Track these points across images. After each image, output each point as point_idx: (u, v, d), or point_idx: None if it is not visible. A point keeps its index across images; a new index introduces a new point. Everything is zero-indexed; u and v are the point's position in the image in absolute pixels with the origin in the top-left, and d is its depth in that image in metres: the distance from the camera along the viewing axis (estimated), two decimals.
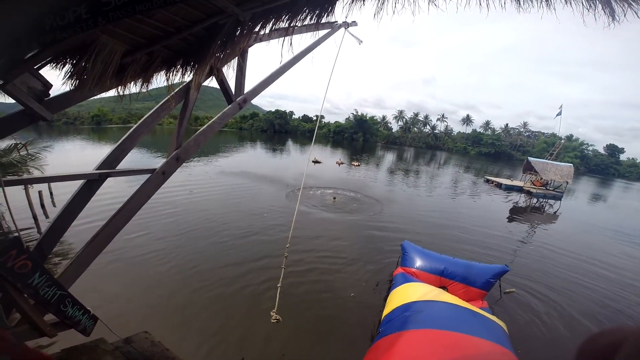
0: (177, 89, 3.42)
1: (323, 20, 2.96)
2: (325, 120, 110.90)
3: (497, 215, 18.50)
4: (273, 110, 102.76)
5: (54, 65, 2.35)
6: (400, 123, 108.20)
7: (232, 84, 3.99)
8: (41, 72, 2.39)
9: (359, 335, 6.07)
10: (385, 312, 6.01)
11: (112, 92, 2.80)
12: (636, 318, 8.01)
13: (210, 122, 3.94)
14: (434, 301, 5.71)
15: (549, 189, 30.66)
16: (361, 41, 6.73)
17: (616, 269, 11.44)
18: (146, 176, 3.32)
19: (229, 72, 3.71)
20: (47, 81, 2.43)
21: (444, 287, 6.93)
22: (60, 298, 2.61)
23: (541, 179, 30.78)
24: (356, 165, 33.74)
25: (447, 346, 4.42)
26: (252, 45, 3.71)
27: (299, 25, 2.91)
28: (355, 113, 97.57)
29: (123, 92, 2.72)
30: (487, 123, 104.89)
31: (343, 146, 69.12)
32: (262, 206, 13.93)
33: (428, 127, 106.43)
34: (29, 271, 2.27)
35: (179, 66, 2.79)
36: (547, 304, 8.09)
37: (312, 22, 2.91)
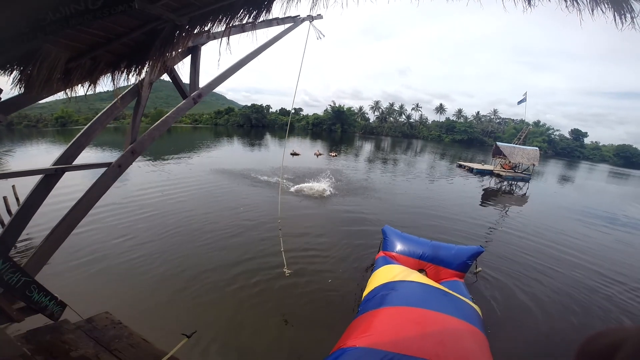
0: (128, 88, 3.66)
1: (261, 19, 3.13)
2: (304, 112, 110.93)
3: (469, 199, 19.38)
4: (249, 104, 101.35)
5: (1, 71, 2.56)
6: (376, 113, 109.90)
7: (187, 81, 4.24)
8: None
9: (339, 318, 6.29)
10: (365, 293, 6.34)
11: (81, 92, 3.04)
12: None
13: (164, 117, 4.16)
14: (408, 281, 6.02)
15: (517, 172, 32.44)
16: (323, 36, 6.80)
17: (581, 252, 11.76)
18: (103, 170, 3.56)
19: (184, 69, 4.00)
20: None
21: (422, 270, 7.26)
22: (25, 284, 2.83)
23: (509, 162, 32.47)
24: (334, 156, 34.37)
25: (415, 321, 4.69)
26: (204, 43, 3.97)
27: (240, 24, 3.14)
28: (332, 105, 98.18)
29: (72, 93, 2.95)
30: (460, 111, 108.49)
31: (322, 138, 69.56)
32: (243, 203, 13.97)
33: (404, 116, 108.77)
34: None
35: (123, 68, 3.03)
36: (518, 286, 8.39)
37: (251, 21, 3.11)
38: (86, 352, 2.75)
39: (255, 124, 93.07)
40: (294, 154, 32.64)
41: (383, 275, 6.62)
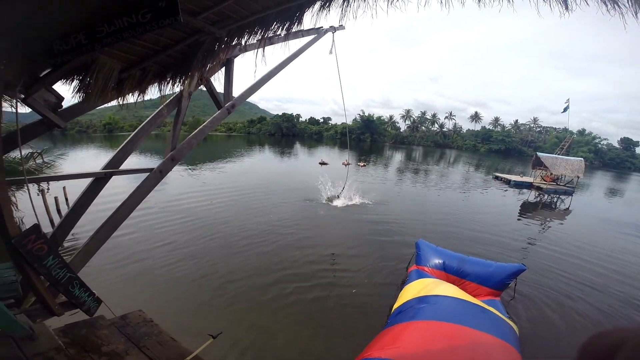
0: (170, 98, 3.90)
1: (294, 30, 3.23)
2: (332, 121, 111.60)
3: (506, 213, 18.31)
4: (280, 114, 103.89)
5: (64, 81, 2.82)
6: (407, 122, 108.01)
7: (222, 91, 4.43)
8: (55, 87, 2.87)
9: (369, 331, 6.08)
10: (395, 306, 6.15)
11: (131, 101, 3.27)
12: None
13: (201, 126, 4.40)
14: (441, 296, 5.79)
15: (560, 184, 30.29)
16: (331, 52, 6.89)
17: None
18: (145, 175, 3.78)
19: (218, 81, 4.17)
20: (60, 95, 2.93)
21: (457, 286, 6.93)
22: (69, 280, 2.98)
23: (551, 174, 30.41)
24: (362, 166, 33.98)
25: (445, 336, 4.51)
26: (237, 55, 4.13)
27: (270, 35, 3.24)
28: (362, 114, 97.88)
29: (123, 102, 3.18)
30: (497, 120, 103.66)
31: (351, 147, 69.49)
32: (277, 212, 14.03)
33: (436, 125, 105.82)
34: (45, 254, 2.69)
35: (168, 79, 3.24)
36: (559, 306, 7.84)
37: (284, 32, 3.21)
38: (117, 348, 2.85)
39: (286, 132, 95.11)
40: (322, 163, 32.74)
41: (415, 288, 6.38)
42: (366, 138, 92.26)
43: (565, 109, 41.42)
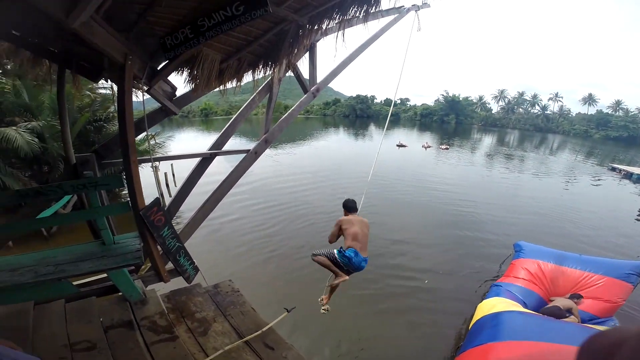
0: (262, 85, 4.20)
1: (372, 11, 3.13)
2: (411, 103, 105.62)
3: (623, 211, 15.10)
4: (354, 95, 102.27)
5: (176, 73, 3.20)
6: (501, 103, 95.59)
7: (307, 75, 4.56)
8: (169, 78, 3.27)
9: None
10: (473, 321, 5.47)
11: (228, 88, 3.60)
12: None
13: (290, 110, 4.72)
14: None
15: None
16: (419, 29, 6.28)
17: None
18: (242, 155, 4.20)
19: (303, 65, 4.27)
20: (174, 85, 3.35)
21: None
22: (177, 249, 3.39)
23: None
24: (444, 149, 31.47)
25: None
26: (318, 39, 4.18)
27: (349, 18, 3.16)
28: (445, 94, 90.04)
29: (225, 89, 3.49)
30: (618, 103, 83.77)
31: (432, 129, 64.98)
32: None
33: (537, 107, 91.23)
34: (162, 225, 3.13)
35: (260, 66, 3.48)
36: None
37: (362, 15, 3.13)
38: (207, 315, 3.10)
39: (360, 114, 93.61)
40: (400, 145, 31.39)
41: (506, 302, 5.60)
42: (450, 120, 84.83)
43: None
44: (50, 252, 2.98)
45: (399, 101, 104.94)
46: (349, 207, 3.79)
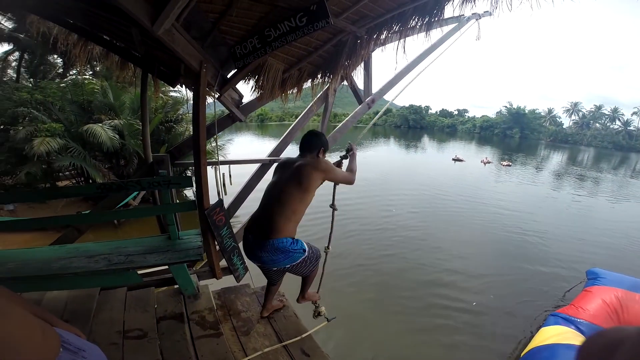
0: (318, 94, 4.27)
1: (433, 20, 3.02)
2: (469, 114, 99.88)
3: None
4: (407, 105, 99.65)
5: (244, 81, 3.40)
6: (574, 117, 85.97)
7: (361, 86, 4.56)
8: (237, 86, 3.49)
9: None
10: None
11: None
12: None
13: (344, 120, 4.72)
14: None
15: None
16: (479, 37, 5.89)
17: None
18: None
19: (358, 76, 4.26)
20: (241, 93, 3.58)
21: None
22: (232, 248, 3.47)
23: None
24: (505, 165, 29.02)
25: None
26: (374, 50, 4.08)
27: (408, 29, 3.08)
28: (509, 106, 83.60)
29: (286, 98, 3.63)
30: None
31: (492, 143, 60.59)
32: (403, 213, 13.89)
33: (618, 122, 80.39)
34: (222, 224, 3.27)
35: (319, 77, 3.58)
36: None
37: (423, 27, 3.07)
38: (252, 316, 3.13)
39: (413, 125, 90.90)
40: (456, 159, 29.67)
41: (567, 333, 4.85)
42: (514, 134, 78.62)
43: None
44: (122, 243, 3.26)
45: (456, 112, 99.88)
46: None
